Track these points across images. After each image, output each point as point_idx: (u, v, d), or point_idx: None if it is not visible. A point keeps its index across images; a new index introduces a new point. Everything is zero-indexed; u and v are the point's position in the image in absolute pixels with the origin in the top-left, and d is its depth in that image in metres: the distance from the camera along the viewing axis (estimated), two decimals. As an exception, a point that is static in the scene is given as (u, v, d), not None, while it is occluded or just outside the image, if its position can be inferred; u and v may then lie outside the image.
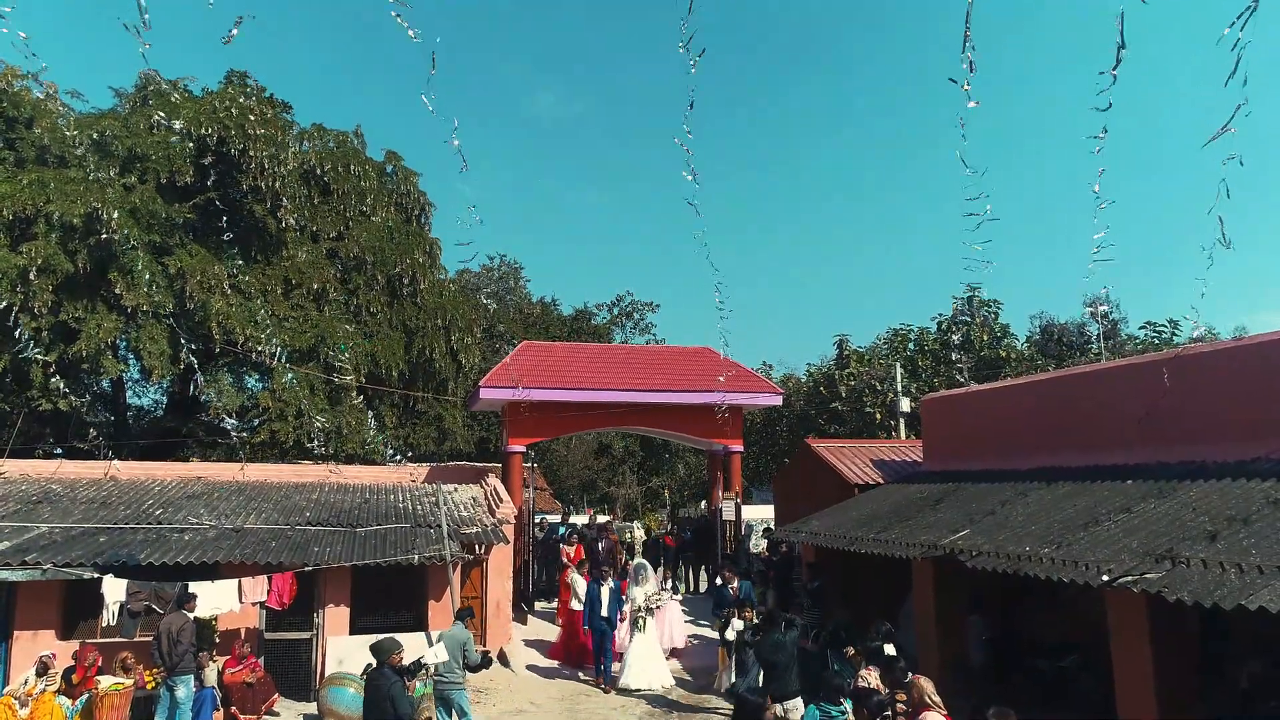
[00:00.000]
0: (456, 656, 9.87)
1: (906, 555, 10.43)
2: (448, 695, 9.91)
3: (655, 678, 13.13)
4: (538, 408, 17.64)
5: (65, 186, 18.71)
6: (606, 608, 13.24)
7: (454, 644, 9.94)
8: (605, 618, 13.22)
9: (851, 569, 13.37)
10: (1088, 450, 10.66)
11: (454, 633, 10.22)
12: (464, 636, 10.16)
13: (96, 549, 12.01)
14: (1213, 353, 9.72)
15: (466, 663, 10.00)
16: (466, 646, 10.05)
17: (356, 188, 24.21)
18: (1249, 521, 7.27)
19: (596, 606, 13.34)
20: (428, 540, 13.33)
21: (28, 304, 18.08)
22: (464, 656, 9.96)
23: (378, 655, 8.30)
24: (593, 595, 13.44)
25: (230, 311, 19.95)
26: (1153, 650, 7.65)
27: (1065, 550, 8.17)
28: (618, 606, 13.49)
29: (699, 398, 18.57)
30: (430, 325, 24.38)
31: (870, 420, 28.31)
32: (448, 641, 9.97)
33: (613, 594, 13.36)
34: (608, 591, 13.30)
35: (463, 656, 9.94)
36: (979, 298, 29.72)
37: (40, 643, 11.83)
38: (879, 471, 15.42)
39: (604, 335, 44.59)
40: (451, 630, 10.31)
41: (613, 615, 13.30)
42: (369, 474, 18.08)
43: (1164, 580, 6.81)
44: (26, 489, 14.62)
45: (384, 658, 8.23)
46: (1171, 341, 26.75)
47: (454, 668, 9.86)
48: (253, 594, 11.96)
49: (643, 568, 14.52)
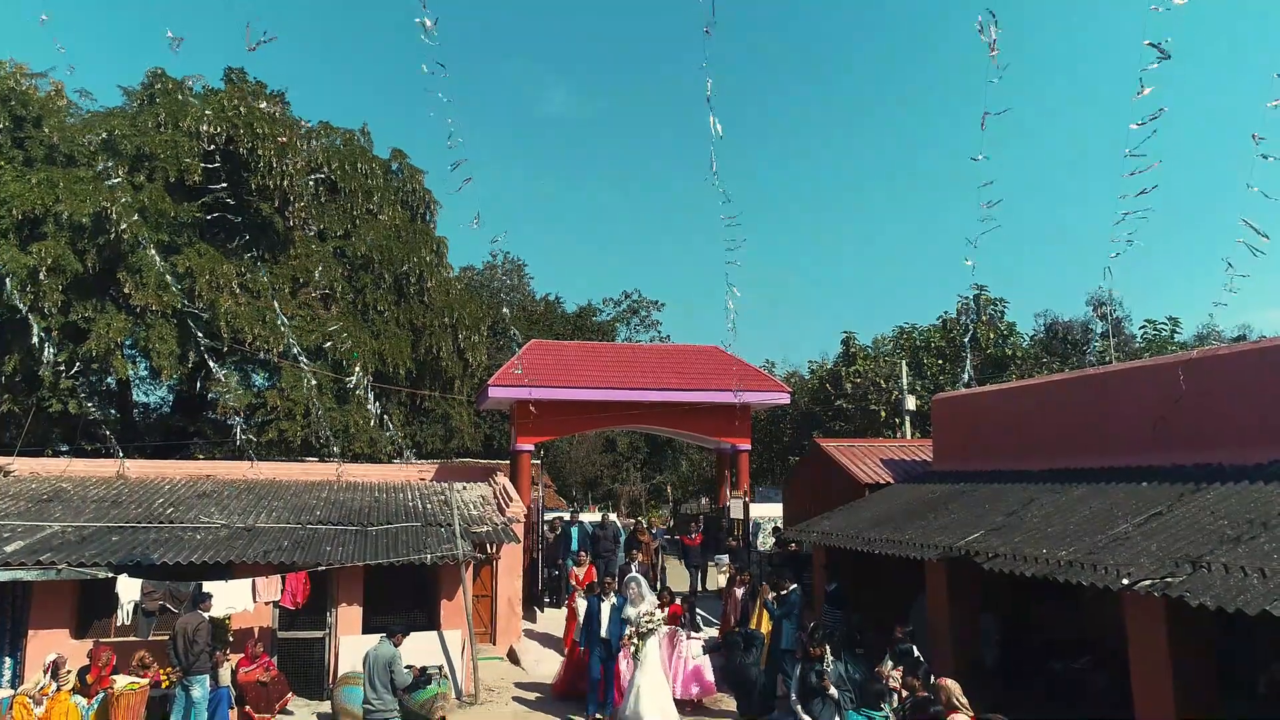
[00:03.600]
0: (384, 679, 8.83)
1: (922, 557, 10.44)
2: None
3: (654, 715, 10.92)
4: (546, 407, 17.65)
5: (74, 186, 18.73)
6: (607, 628, 11.53)
7: (379, 665, 8.83)
8: (605, 639, 11.51)
9: (861, 569, 13.37)
10: (1102, 452, 10.67)
11: (379, 652, 9.04)
12: (389, 655, 9.00)
13: (110, 548, 12.03)
14: (1228, 355, 9.74)
15: (395, 685, 8.86)
16: (393, 667, 8.89)
17: (363, 186, 24.27)
18: (1269, 525, 7.28)
19: (595, 626, 11.63)
20: (439, 539, 13.35)
21: (38, 304, 18.11)
22: (391, 678, 8.87)
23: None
24: (592, 612, 11.81)
25: (239, 311, 19.97)
26: (1171, 654, 7.65)
27: (1084, 553, 8.18)
28: (621, 626, 11.61)
29: (709, 396, 18.58)
30: (437, 324, 24.43)
31: (875, 418, 28.35)
32: (372, 664, 8.83)
33: (615, 611, 11.62)
34: (609, 608, 11.65)
35: (390, 678, 8.86)
36: (985, 295, 29.75)
37: (55, 642, 11.84)
38: (889, 471, 15.44)
39: (608, 332, 44.63)
40: (376, 649, 9.11)
41: (614, 636, 11.49)
42: (377, 472, 18.10)
43: (1186, 585, 6.82)
44: (37, 488, 14.64)
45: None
46: (1172, 339, 26.77)
47: (381, 693, 8.79)
48: (267, 593, 11.98)
49: (636, 581, 12.34)
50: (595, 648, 11.51)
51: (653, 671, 11.26)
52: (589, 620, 11.78)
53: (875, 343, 33.49)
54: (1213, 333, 33.74)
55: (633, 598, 11.90)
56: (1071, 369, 26.31)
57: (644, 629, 11.35)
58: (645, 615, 11.53)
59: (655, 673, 11.31)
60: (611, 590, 11.93)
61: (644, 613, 11.58)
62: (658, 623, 11.60)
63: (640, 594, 11.95)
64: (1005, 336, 29.18)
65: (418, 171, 27.30)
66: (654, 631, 11.45)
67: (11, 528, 12.51)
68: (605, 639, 11.46)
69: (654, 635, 11.42)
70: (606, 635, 11.47)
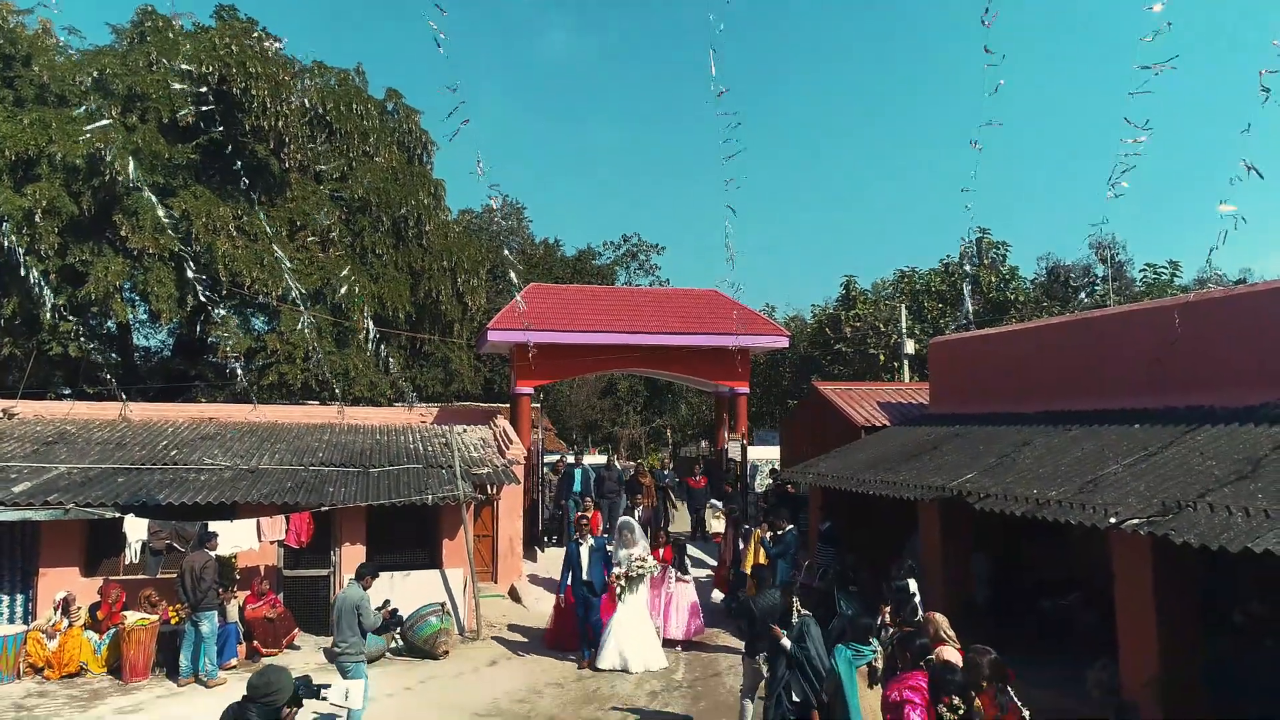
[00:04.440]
0: (350, 621, 8.61)
1: (915, 497, 10.60)
2: (344, 668, 8.66)
3: (642, 658, 11.15)
4: (545, 350, 17.71)
5: (67, 127, 18.51)
6: (588, 570, 11.63)
7: (346, 607, 8.65)
8: (587, 582, 11.60)
9: (856, 510, 13.57)
10: (1096, 395, 10.75)
11: (347, 594, 8.83)
12: (356, 597, 8.76)
13: (116, 489, 12.21)
14: (1223, 298, 9.76)
15: (362, 627, 8.67)
16: (361, 609, 8.68)
17: (359, 127, 23.94)
18: (1257, 466, 7.39)
19: (576, 570, 11.71)
20: (440, 481, 13.53)
21: (35, 246, 18.04)
22: (359, 620, 8.66)
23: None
24: (572, 556, 11.83)
25: (237, 254, 19.90)
26: (1155, 591, 7.84)
27: (1073, 493, 8.32)
28: (603, 569, 11.68)
29: (707, 340, 18.63)
30: (436, 267, 24.33)
31: (874, 362, 28.43)
32: (340, 606, 8.68)
33: (594, 554, 11.69)
34: (587, 551, 11.71)
35: (357, 620, 8.65)
36: (988, 239, 29.59)
37: (65, 580, 12.11)
38: (885, 414, 15.56)
39: (608, 276, 44.50)
40: (343, 592, 8.91)
41: (596, 580, 11.58)
42: (378, 415, 18.25)
43: (1171, 523, 6.96)
44: (41, 430, 14.79)
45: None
46: (1172, 283, 26.71)
47: (348, 635, 8.62)
48: (271, 533, 12.21)
49: (628, 526, 12.35)
50: (577, 591, 11.63)
51: (637, 615, 11.40)
52: (568, 565, 11.85)
53: (876, 286, 33.40)
54: (1214, 276, 33.67)
55: (624, 542, 11.92)
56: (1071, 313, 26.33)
57: (634, 573, 11.43)
58: (636, 560, 11.59)
59: (640, 616, 11.44)
60: (589, 534, 11.99)
61: (635, 558, 11.64)
62: (649, 569, 11.66)
63: (632, 539, 11.97)
64: (1007, 280, 29.08)
65: (414, 112, 26.91)
66: (643, 577, 11.53)
67: (18, 469, 12.68)
68: (587, 581, 11.56)
69: (643, 581, 11.53)
70: (588, 578, 11.57)
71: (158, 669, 11.26)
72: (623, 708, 9.92)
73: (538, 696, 10.37)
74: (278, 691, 4.87)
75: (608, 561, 11.71)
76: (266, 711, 4.83)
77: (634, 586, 11.44)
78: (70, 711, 9.88)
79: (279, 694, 4.86)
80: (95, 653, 11.29)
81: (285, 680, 4.98)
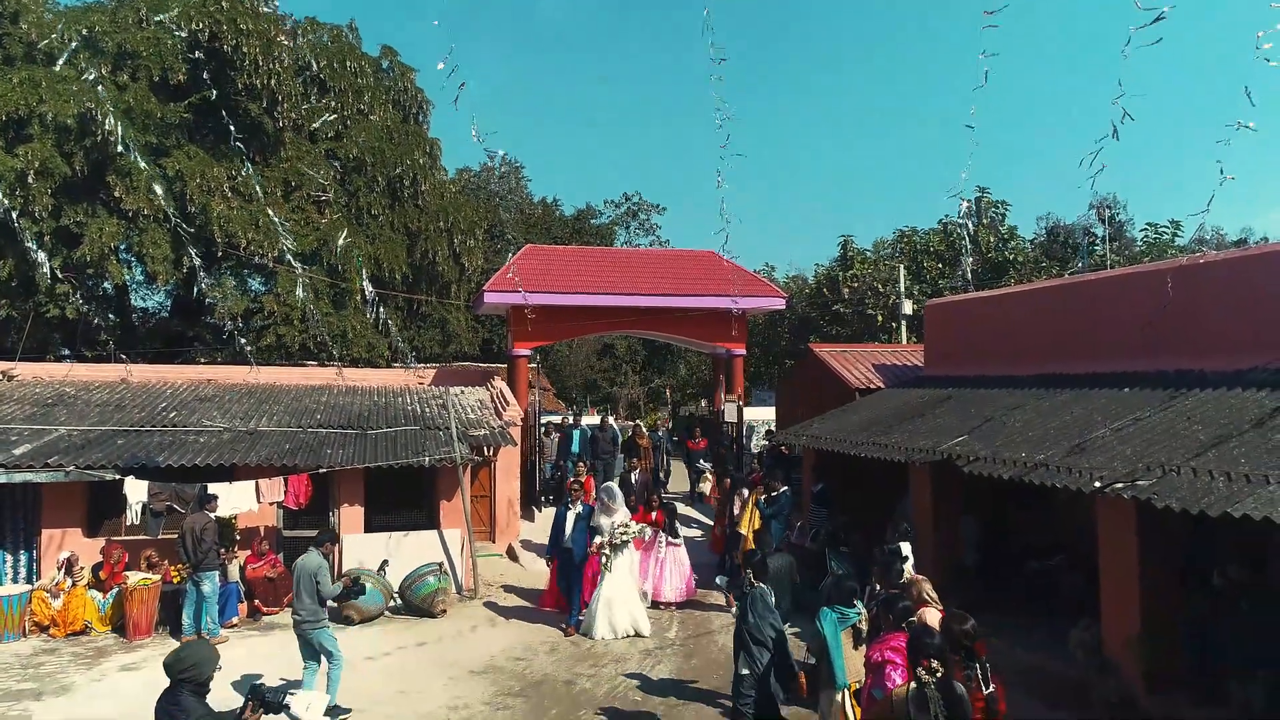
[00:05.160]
0: (309, 589, 8.51)
1: (905, 460, 10.70)
2: (307, 635, 8.57)
3: (629, 627, 11.07)
4: (542, 312, 17.72)
5: (57, 86, 18.31)
6: (570, 537, 11.46)
7: (304, 576, 8.57)
8: (568, 549, 11.49)
9: (849, 471, 13.70)
10: (1089, 358, 10.79)
11: (303, 562, 8.69)
12: (314, 565, 8.63)
13: (115, 451, 12.32)
14: (1215, 262, 9.75)
15: (321, 595, 8.54)
16: (319, 576, 8.55)
17: (353, 85, 23.71)
18: (1241, 432, 7.46)
19: (560, 535, 11.62)
20: (437, 443, 13.65)
21: (28, 208, 17.97)
22: (317, 588, 8.52)
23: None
24: (558, 520, 11.75)
25: (232, 215, 19.81)
26: (1139, 554, 7.96)
27: (1060, 457, 8.41)
28: (586, 537, 11.49)
29: (703, 302, 18.64)
30: (432, 228, 24.25)
31: (872, 323, 28.44)
32: (299, 573, 8.63)
33: (580, 520, 11.53)
34: (574, 517, 11.57)
35: (315, 588, 8.51)
36: (987, 198, 29.42)
37: (68, 540, 12.29)
38: (880, 376, 15.64)
39: (607, 236, 44.32)
40: (302, 559, 8.80)
41: (578, 547, 11.43)
42: (377, 377, 18.34)
43: (1154, 487, 7.05)
44: (40, 392, 14.86)
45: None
46: (1173, 243, 26.61)
47: (308, 603, 8.50)
48: (270, 494, 12.35)
49: (610, 492, 12.02)
50: (560, 557, 11.57)
51: (624, 584, 11.26)
52: (555, 529, 11.76)
53: (876, 245, 33.28)
54: (1216, 235, 33.53)
55: (606, 508, 11.65)
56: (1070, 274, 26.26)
57: (616, 540, 11.23)
58: (619, 527, 11.38)
59: (626, 585, 11.30)
60: (578, 499, 11.79)
61: (618, 524, 11.41)
62: (631, 535, 11.50)
63: (614, 505, 11.68)
64: (1006, 240, 28.97)
65: (409, 70, 26.61)
66: (627, 544, 11.36)
67: (18, 431, 12.78)
68: (568, 548, 11.45)
69: (626, 547, 11.37)
70: (569, 545, 11.44)
71: (161, 627, 11.49)
72: (617, 666, 10.13)
73: (533, 655, 10.58)
74: (194, 666, 4.72)
75: (594, 531, 11.50)
76: (194, 687, 4.70)
77: (618, 554, 11.25)
78: (77, 668, 10.10)
79: (196, 668, 4.72)
80: (99, 611, 11.51)
81: (203, 653, 4.83)
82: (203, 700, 4.76)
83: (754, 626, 7.26)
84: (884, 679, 5.79)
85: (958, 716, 4.42)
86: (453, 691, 9.31)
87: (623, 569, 11.30)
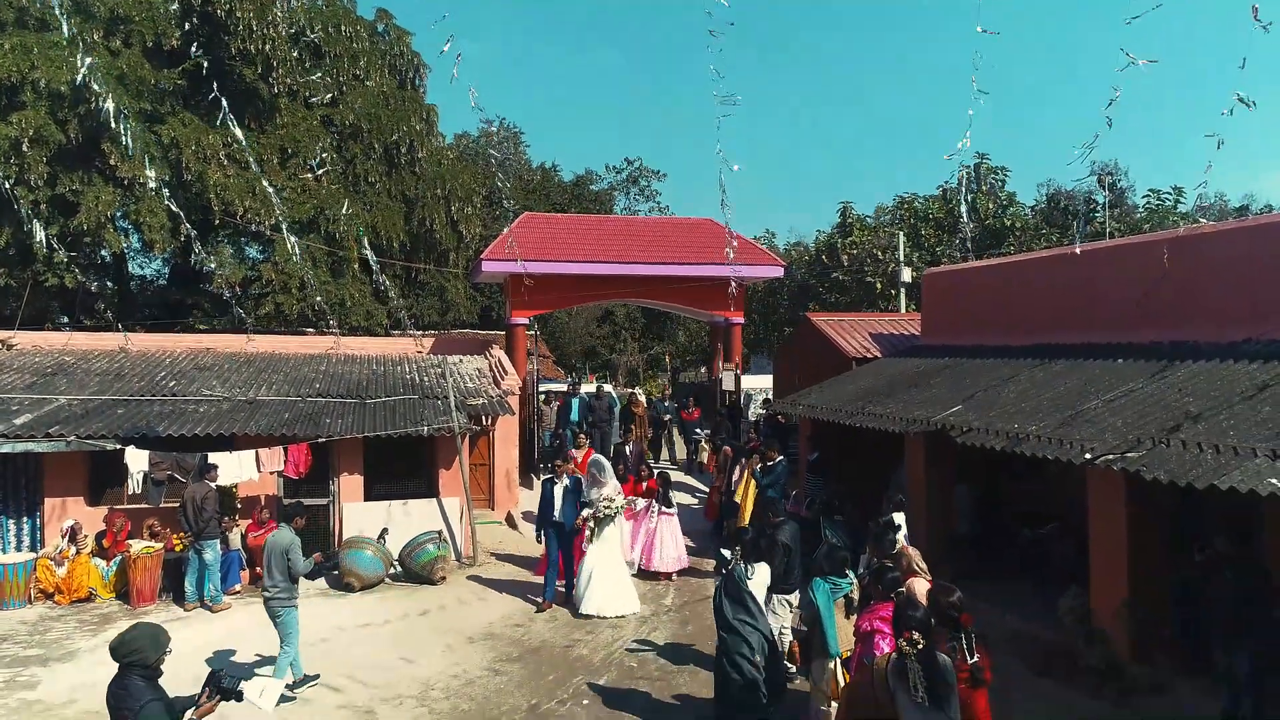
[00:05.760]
0: (280, 565, 8.34)
1: (900, 430, 10.78)
2: (275, 612, 8.42)
3: (615, 604, 10.84)
4: (540, 280, 17.72)
5: (50, 52, 18.13)
6: (560, 510, 11.29)
7: (276, 552, 8.38)
8: (558, 523, 11.31)
9: (844, 440, 13.78)
10: (1085, 328, 10.82)
11: (274, 539, 8.53)
12: (286, 541, 8.45)
13: (116, 421, 12.39)
14: (1211, 234, 9.74)
15: (291, 572, 8.38)
16: (290, 553, 8.36)
17: (348, 50, 23.45)
18: (1231, 404, 7.52)
19: (548, 509, 11.43)
20: (436, 412, 13.72)
21: (24, 176, 17.89)
22: (287, 565, 8.35)
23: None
24: (546, 494, 11.52)
25: (228, 183, 19.72)
26: (1128, 525, 8.06)
27: (1053, 428, 8.47)
28: (575, 510, 11.33)
29: (701, 270, 18.64)
30: (430, 195, 24.14)
31: (871, 290, 28.40)
32: (269, 549, 8.45)
33: (568, 494, 11.35)
34: (561, 491, 11.36)
35: (286, 565, 8.35)
36: (986, 164, 29.23)
37: (70, 509, 12.41)
38: (877, 345, 15.66)
39: (606, 202, 44.10)
40: (273, 535, 8.66)
41: (567, 520, 11.27)
42: (375, 345, 18.38)
43: (1143, 460, 7.12)
44: (40, 361, 14.92)
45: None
46: (1175, 209, 26.49)
47: (278, 580, 8.35)
48: (270, 464, 12.44)
49: (597, 465, 11.80)
50: (549, 530, 11.41)
51: (609, 558, 11.07)
52: (543, 503, 11.58)
53: (879, 211, 33.16)
54: (1219, 201, 33.39)
55: (595, 481, 11.49)
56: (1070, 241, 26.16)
57: (602, 514, 11.07)
58: (604, 500, 11.17)
59: (612, 560, 11.11)
60: (565, 473, 11.57)
61: (604, 497, 11.21)
62: (617, 508, 11.30)
63: (602, 478, 11.51)
64: (1005, 206, 28.82)
65: (405, 33, 26.30)
66: (612, 518, 11.17)
67: (19, 401, 12.86)
68: (559, 522, 11.30)
69: (612, 521, 11.18)
70: (559, 518, 11.28)
71: (164, 594, 11.65)
72: (613, 632, 10.29)
73: (531, 621, 10.74)
74: (138, 650, 4.57)
75: (585, 505, 11.34)
76: (142, 671, 4.58)
77: (603, 528, 11.06)
78: (82, 634, 10.27)
79: (140, 652, 4.57)
80: (103, 579, 11.67)
81: (146, 637, 4.64)
82: (153, 684, 4.60)
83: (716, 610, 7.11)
84: (872, 648, 5.90)
85: (938, 687, 4.51)
86: (452, 658, 9.47)
87: (609, 543, 11.11)
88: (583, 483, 11.61)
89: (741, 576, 7.14)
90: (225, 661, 9.11)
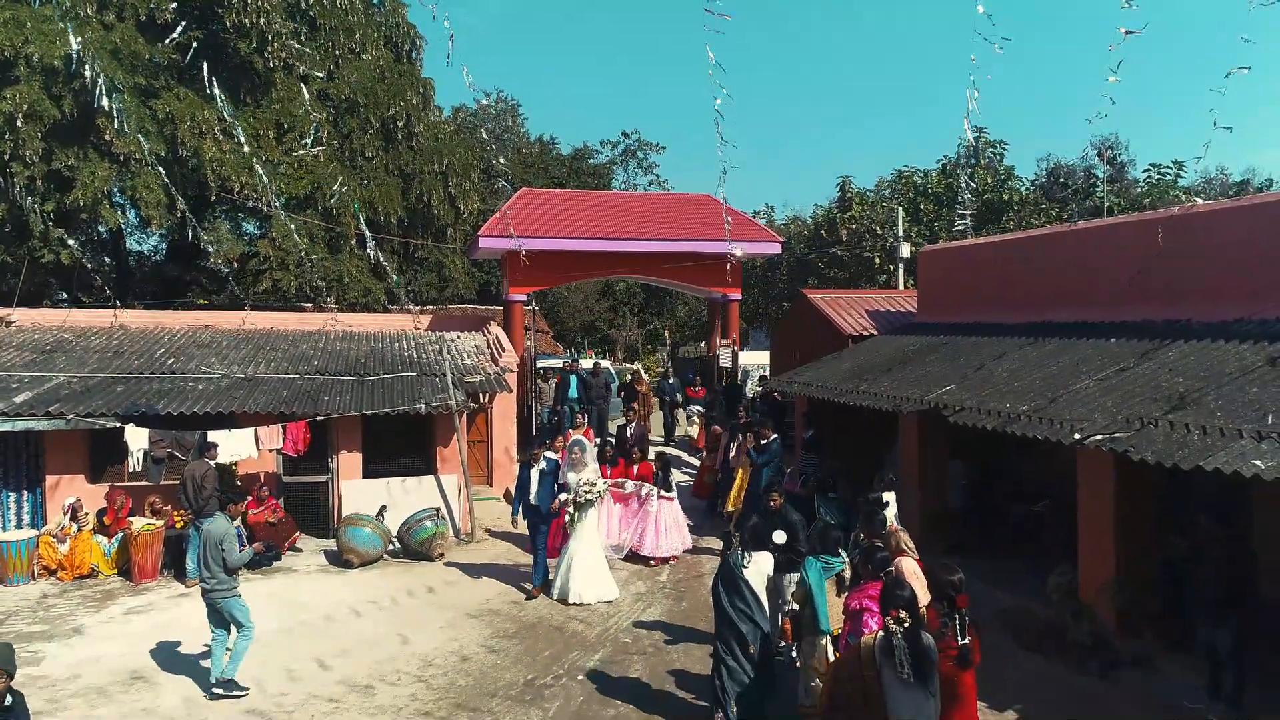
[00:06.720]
0: (215, 556, 7.94)
1: (893, 409, 10.85)
2: (216, 604, 8.06)
3: (594, 591, 10.59)
4: (537, 257, 17.74)
5: (42, 26, 17.98)
6: (536, 494, 10.96)
7: (210, 543, 8.01)
8: (535, 506, 10.99)
9: (840, 418, 13.87)
10: (1079, 306, 10.85)
11: (211, 528, 8.14)
12: (220, 532, 8.05)
13: (115, 399, 12.45)
14: (1204, 213, 9.76)
15: (226, 563, 7.98)
16: (224, 544, 7.97)
17: (343, 22, 23.19)
18: (1220, 384, 7.58)
19: (524, 494, 11.10)
20: (434, 389, 13.80)
21: (18, 151, 17.81)
22: (223, 556, 7.96)
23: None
24: (522, 480, 11.21)
25: (224, 158, 19.63)
26: (1116, 503, 8.17)
27: (1044, 407, 8.55)
28: (552, 493, 11.01)
29: (699, 247, 18.63)
30: (427, 170, 24.00)
31: (869, 265, 28.39)
32: (203, 540, 8.09)
33: (545, 477, 10.99)
34: (537, 474, 10.99)
35: (221, 555, 7.96)
36: (985, 138, 29.11)
37: (71, 487, 12.51)
38: (873, 322, 15.71)
39: (604, 176, 43.86)
40: (208, 524, 8.28)
41: (543, 504, 10.93)
42: (373, 322, 18.40)
43: (1131, 440, 7.19)
44: (39, 338, 14.96)
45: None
46: (1175, 184, 26.41)
47: (216, 571, 7.95)
48: (269, 441, 12.52)
49: (578, 446, 11.49)
50: (528, 515, 11.15)
51: (588, 543, 10.79)
52: (519, 488, 11.28)
53: (878, 185, 33.01)
54: (1220, 175, 33.22)
55: (574, 463, 11.20)
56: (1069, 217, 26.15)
57: (581, 499, 10.80)
58: (585, 484, 10.89)
59: (590, 546, 10.83)
60: (540, 458, 11.17)
61: (583, 481, 10.92)
62: (597, 494, 11.05)
63: (582, 460, 11.25)
64: (1003, 181, 28.72)
65: (400, 5, 26.05)
66: (592, 503, 10.92)
67: (19, 378, 12.92)
68: (535, 505, 11.02)
69: (592, 506, 10.93)
70: (536, 502, 10.99)
71: (165, 571, 11.78)
72: (609, 608, 10.43)
73: (528, 598, 10.87)
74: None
75: (563, 488, 11.06)
76: None
77: (583, 513, 10.79)
78: (85, 610, 10.40)
79: None
80: (105, 556, 11.79)
81: None
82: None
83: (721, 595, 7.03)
84: (861, 626, 6.02)
85: (923, 665, 4.62)
86: (449, 634, 9.61)
87: (588, 529, 10.84)
88: (560, 465, 11.31)
89: (737, 564, 7.02)
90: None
